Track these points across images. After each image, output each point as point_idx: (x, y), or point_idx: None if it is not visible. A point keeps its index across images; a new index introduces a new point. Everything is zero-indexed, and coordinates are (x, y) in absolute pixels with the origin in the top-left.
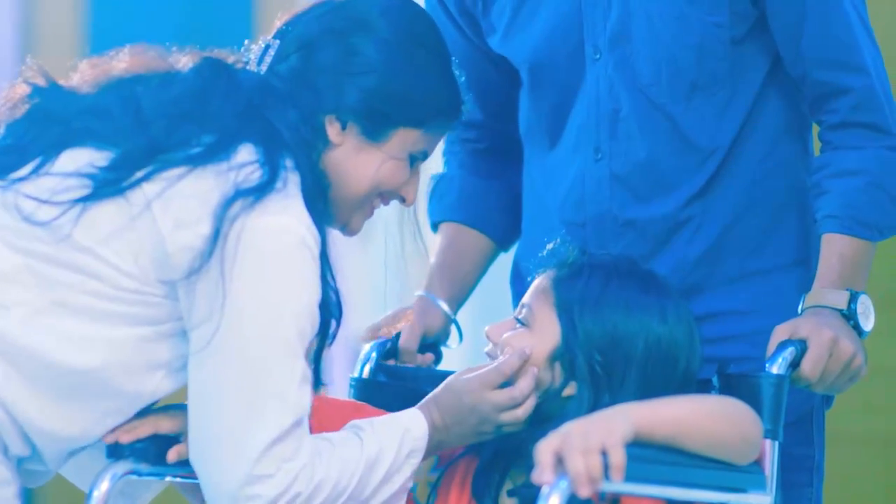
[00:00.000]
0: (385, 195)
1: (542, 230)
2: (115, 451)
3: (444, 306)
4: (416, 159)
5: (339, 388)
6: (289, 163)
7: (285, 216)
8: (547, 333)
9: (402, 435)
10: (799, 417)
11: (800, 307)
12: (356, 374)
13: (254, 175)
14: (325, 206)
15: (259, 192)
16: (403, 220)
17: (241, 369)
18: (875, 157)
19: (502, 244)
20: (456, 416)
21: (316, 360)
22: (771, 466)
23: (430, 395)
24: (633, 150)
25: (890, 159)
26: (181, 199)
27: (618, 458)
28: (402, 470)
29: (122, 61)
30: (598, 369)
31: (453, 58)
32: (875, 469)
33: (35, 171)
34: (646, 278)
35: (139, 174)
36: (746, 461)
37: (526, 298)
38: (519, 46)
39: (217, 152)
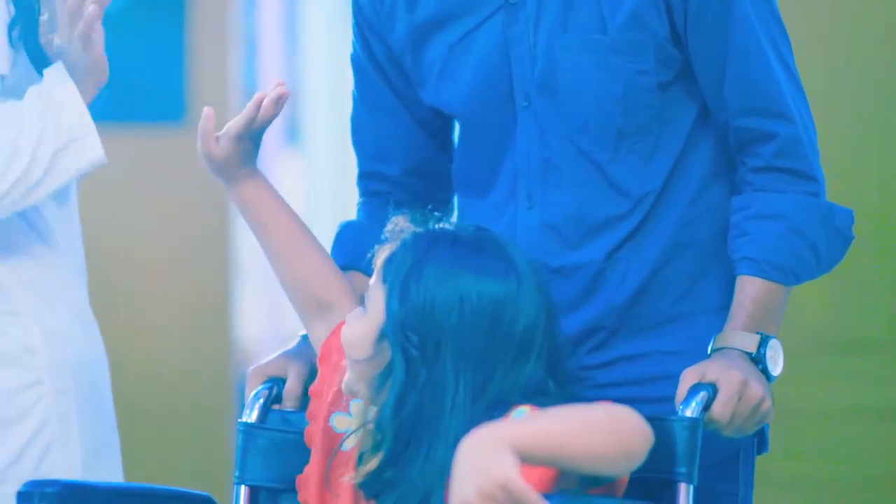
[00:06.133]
0: None
1: None
2: (25, 500)
3: None
4: None
5: None
6: None
7: None
8: (376, 313)
9: None
10: (726, 457)
11: (709, 348)
12: (244, 419)
13: None
14: None
15: None
16: None
17: None
18: (795, 203)
19: None
20: None
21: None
22: None
23: None
24: (564, 199)
25: (811, 205)
26: None
27: (523, 492)
28: None
29: None
30: (410, 347)
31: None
32: None
33: None
34: (473, 243)
35: None
36: (626, 472)
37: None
38: (450, 97)
39: None
